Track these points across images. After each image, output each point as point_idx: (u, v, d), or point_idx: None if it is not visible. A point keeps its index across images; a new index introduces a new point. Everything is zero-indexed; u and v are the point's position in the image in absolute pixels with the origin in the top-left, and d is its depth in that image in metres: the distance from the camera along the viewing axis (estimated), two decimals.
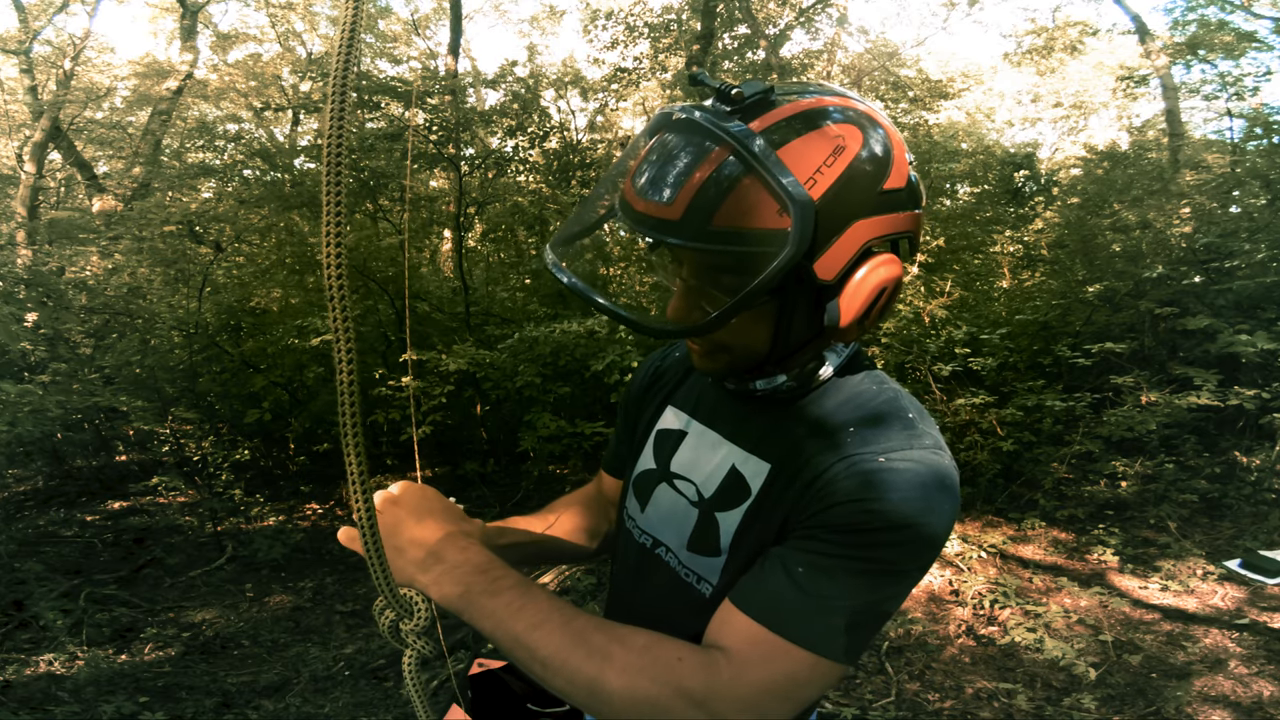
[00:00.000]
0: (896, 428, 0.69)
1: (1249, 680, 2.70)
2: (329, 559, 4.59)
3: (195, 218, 5.99)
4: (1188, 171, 6.43)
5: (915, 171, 0.67)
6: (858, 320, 0.64)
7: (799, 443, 0.71)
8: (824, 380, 0.74)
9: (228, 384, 5.89)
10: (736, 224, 0.59)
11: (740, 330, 0.66)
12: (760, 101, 0.61)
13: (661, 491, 0.83)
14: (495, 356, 4.94)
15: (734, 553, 0.74)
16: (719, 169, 0.59)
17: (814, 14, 9.26)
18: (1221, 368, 4.44)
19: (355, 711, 2.79)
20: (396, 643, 0.73)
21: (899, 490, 0.63)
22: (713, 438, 0.80)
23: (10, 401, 4.17)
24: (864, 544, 0.63)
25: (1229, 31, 6.92)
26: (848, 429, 0.69)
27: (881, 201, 0.62)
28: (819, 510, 0.65)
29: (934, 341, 4.85)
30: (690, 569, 0.78)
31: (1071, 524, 4.23)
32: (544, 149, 6.89)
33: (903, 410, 0.71)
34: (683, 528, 0.79)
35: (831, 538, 0.64)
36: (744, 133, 0.58)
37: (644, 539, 0.84)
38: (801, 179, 0.58)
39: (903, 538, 0.63)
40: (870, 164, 0.62)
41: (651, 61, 9.02)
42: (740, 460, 0.75)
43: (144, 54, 11.81)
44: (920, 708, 2.67)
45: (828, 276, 0.61)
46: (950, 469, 0.66)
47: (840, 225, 0.60)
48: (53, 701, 2.75)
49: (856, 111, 0.64)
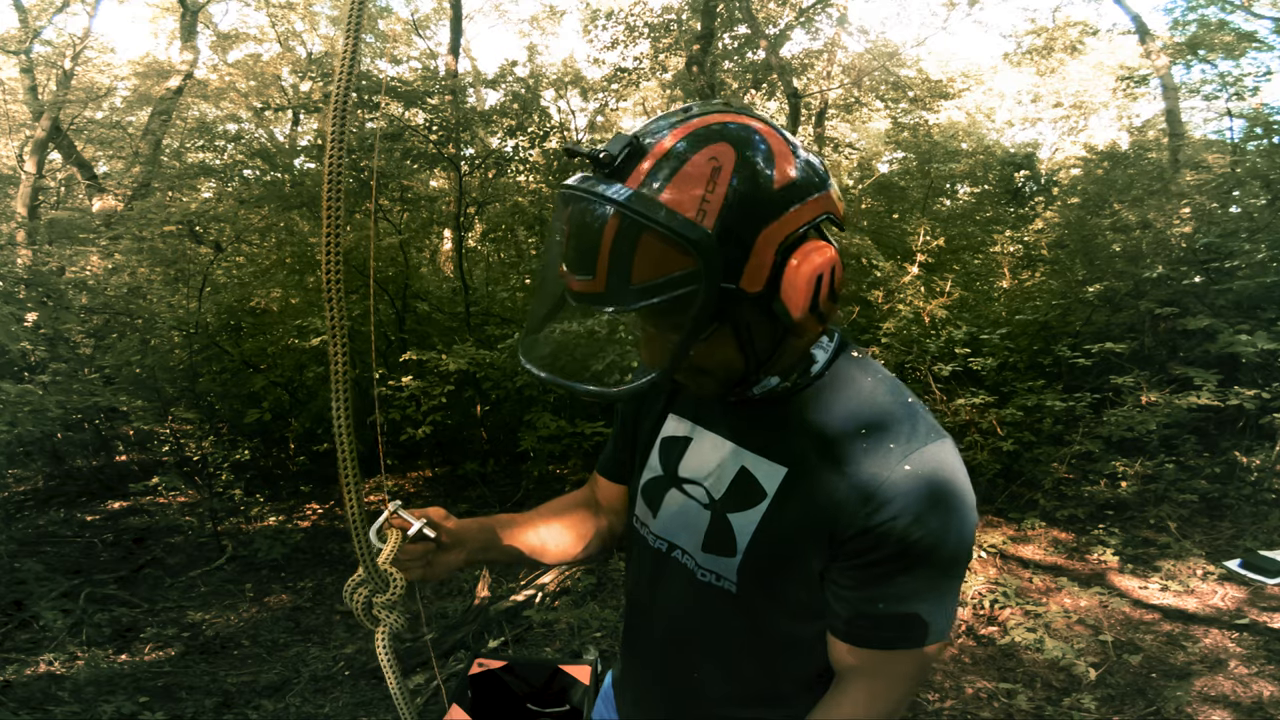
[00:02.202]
0: (905, 424, 0.72)
1: (1249, 680, 2.69)
2: (329, 559, 4.59)
3: (195, 218, 5.98)
4: (1188, 171, 6.43)
5: (809, 152, 0.68)
6: (809, 310, 0.65)
7: (811, 445, 0.74)
8: (816, 375, 0.76)
9: (228, 384, 5.89)
10: (652, 277, 0.61)
11: (710, 356, 0.69)
12: (630, 154, 0.63)
13: (672, 497, 0.85)
14: (495, 356, 4.94)
15: (751, 553, 0.76)
16: (618, 234, 0.61)
17: (814, 14, 9.26)
18: (1221, 368, 4.44)
19: (355, 711, 2.79)
20: (368, 620, 0.76)
21: (921, 499, 0.68)
22: (717, 441, 0.81)
23: (10, 401, 4.17)
24: (918, 552, 0.68)
25: (1229, 31, 6.92)
26: (859, 430, 0.72)
27: (778, 201, 0.63)
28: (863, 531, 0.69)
29: (934, 341, 4.85)
30: (707, 569, 0.80)
31: (1071, 524, 4.23)
32: (544, 149, 6.89)
33: (902, 401, 0.75)
34: (696, 530, 0.81)
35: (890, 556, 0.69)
36: (622, 193, 0.61)
37: (659, 544, 0.86)
38: (691, 214, 0.60)
39: (942, 541, 0.69)
40: (753, 172, 0.62)
41: (651, 61, 9.02)
42: (751, 463, 0.77)
43: (144, 54, 11.84)
44: (920, 708, 2.67)
45: (758, 287, 0.63)
46: (952, 449, 0.73)
47: (748, 239, 0.62)
48: (53, 701, 2.75)
49: (722, 125, 0.64)
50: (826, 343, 0.78)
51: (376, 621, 0.76)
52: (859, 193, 8.19)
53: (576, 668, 2.15)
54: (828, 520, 0.70)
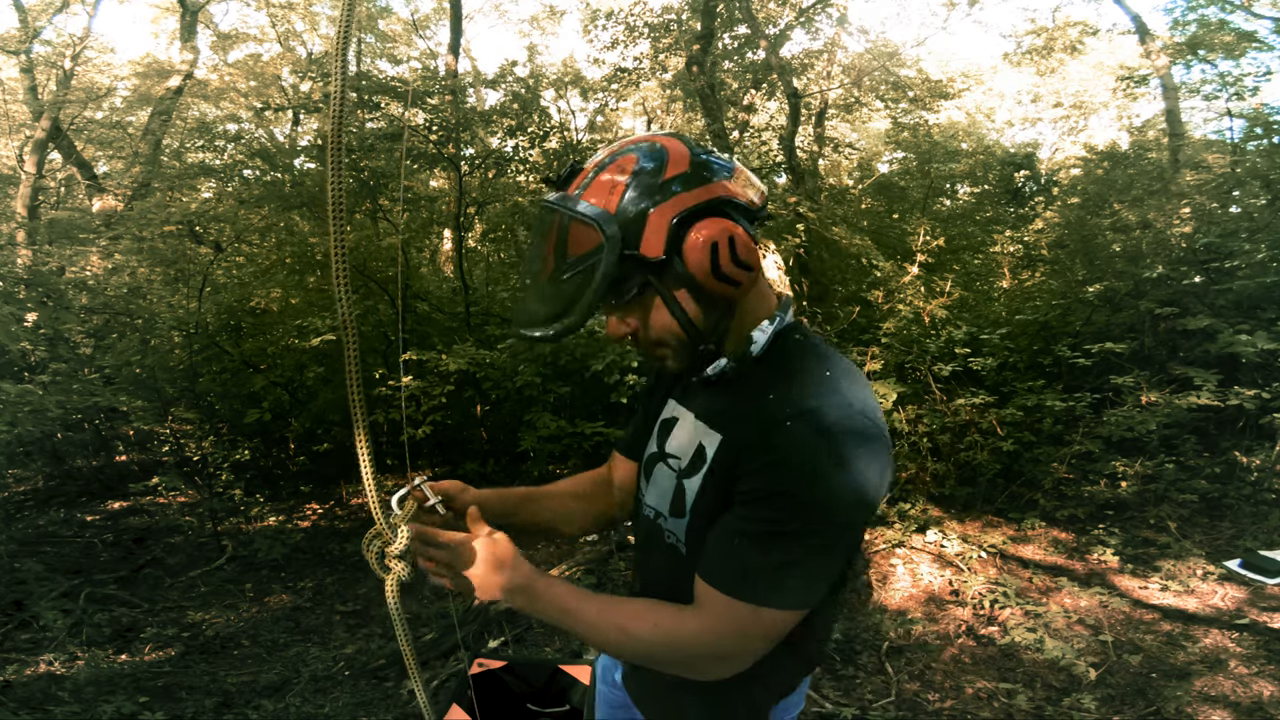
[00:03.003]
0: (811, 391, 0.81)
1: (1249, 680, 2.70)
2: (329, 559, 4.59)
3: (195, 218, 5.98)
4: (1188, 171, 6.43)
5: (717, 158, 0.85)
6: (712, 272, 0.79)
7: (742, 415, 0.86)
8: (756, 356, 0.87)
9: (228, 384, 5.88)
10: (580, 253, 0.81)
11: (654, 324, 0.85)
12: (571, 172, 0.87)
13: (659, 470, 0.98)
14: (495, 356, 4.94)
15: (694, 514, 0.90)
16: (559, 227, 0.83)
17: (814, 14, 9.24)
18: (1221, 368, 4.44)
19: (355, 711, 2.79)
20: (380, 570, 0.89)
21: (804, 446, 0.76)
22: (689, 419, 0.95)
23: (10, 401, 4.17)
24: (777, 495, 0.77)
25: (1229, 31, 6.92)
26: (768, 396, 0.83)
27: (665, 187, 0.80)
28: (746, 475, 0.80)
29: (934, 341, 4.85)
30: (671, 531, 0.94)
31: (1071, 524, 4.23)
32: (544, 149, 6.89)
33: (819, 371, 0.84)
34: (667, 496, 0.95)
35: (755, 500, 0.79)
36: (560, 197, 0.84)
37: (648, 511, 1.00)
38: (601, 203, 0.80)
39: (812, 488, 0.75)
40: (647, 168, 0.81)
41: (651, 61, 9.01)
42: (703, 434, 0.90)
43: (144, 54, 11.82)
44: (920, 708, 2.67)
45: (656, 253, 0.80)
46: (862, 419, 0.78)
47: (641, 216, 0.80)
48: (53, 701, 2.75)
49: (636, 143, 0.85)
50: (767, 326, 0.88)
51: (387, 570, 0.88)
52: (859, 193, 8.19)
53: (576, 668, 2.15)
54: (738, 472, 0.82)
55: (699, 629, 0.81)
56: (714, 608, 0.80)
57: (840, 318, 5.83)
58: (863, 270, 5.98)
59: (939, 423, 4.60)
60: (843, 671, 2.94)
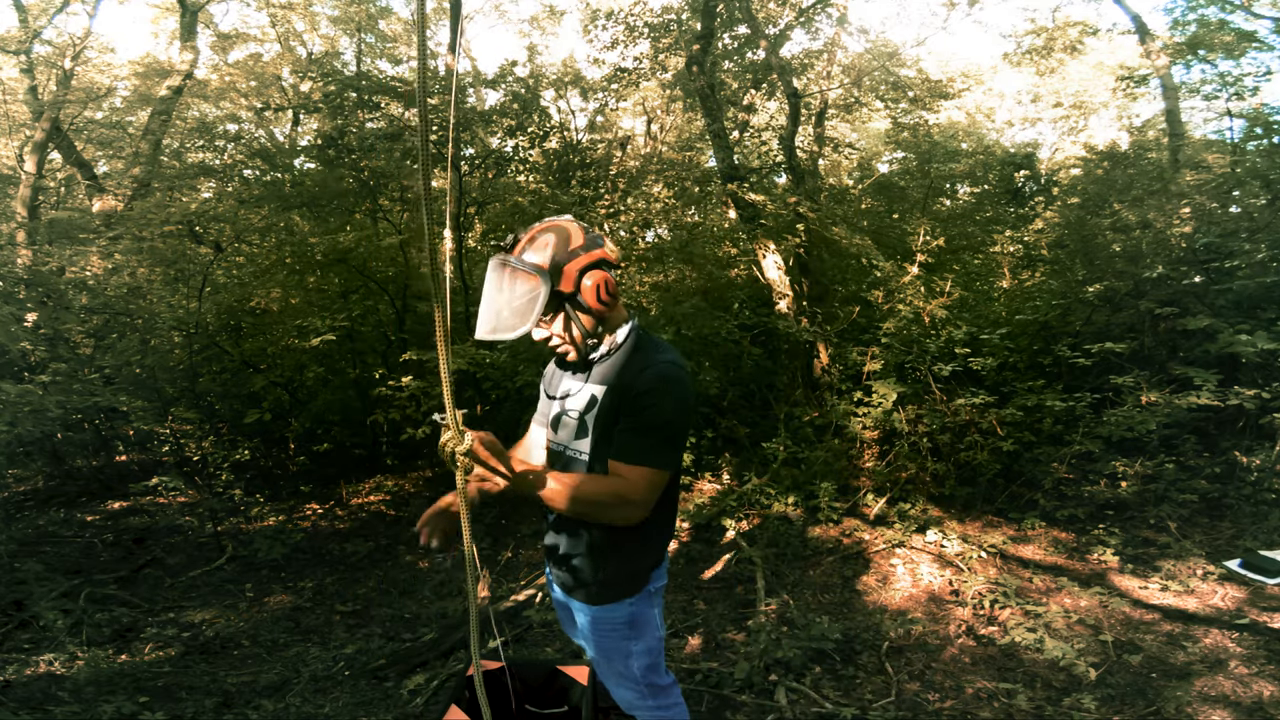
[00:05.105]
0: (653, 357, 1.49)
1: (1249, 680, 2.69)
2: (329, 559, 4.59)
3: (195, 218, 5.98)
4: (1188, 171, 6.43)
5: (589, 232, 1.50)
6: (598, 299, 1.48)
7: (614, 375, 1.51)
8: (620, 344, 1.54)
9: (228, 384, 5.88)
10: (528, 286, 1.44)
11: (565, 330, 1.52)
12: (514, 241, 1.49)
13: (563, 420, 1.61)
14: (495, 356, 4.94)
15: (594, 434, 1.52)
16: (513, 272, 1.45)
17: (814, 14, 9.22)
18: (1221, 368, 4.44)
19: (355, 711, 2.79)
20: (451, 464, 1.25)
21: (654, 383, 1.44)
22: (584, 385, 1.58)
23: (10, 401, 4.17)
24: (645, 409, 1.44)
25: (1229, 31, 6.91)
26: (629, 363, 1.51)
27: (571, 254, 1.46)
28: (627, 402, 1.46)
29: (934, 341, 4.85)
30: (575, 449, 1.57)
31: (1071, 524, 4.23)
32: (544, 149, 6.88)
33: (655, 348, 1.52)
34: (572, 431, 1.58)
35: (635, 413, 1.45)
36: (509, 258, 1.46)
37: (558, 447, 1.63)
38: (539, 260, 1.44)
39: (661, 402, 1.43)
40: (564, 240, 1.47)
41: (651, 61, 9.00)
42: (594, 388, 1.54)
43: (144, 54, 11.79)
44: (920, 708, 2.67)
45: (569, 289, 1.46)
46: (677, 369, 1.47)
47: (560, 269, 1.45)
48: (53, 701, 2.75)
49: (555, 224, 1.50)
50: (627, 329, 1.55)
51: (455, 465, 1.24)
52: (859, 193, 8.18)
53: (576, 668, 2.15)
54: (621, 404, 1.47)
55: (617, 484, 1.43)
56: (623, 472, 1.43)
57: (840, 317, 5.83)
58: (863, 270, 5.97)
59: (939, 423, 4.60)
60: (843, 671, 2.94)
